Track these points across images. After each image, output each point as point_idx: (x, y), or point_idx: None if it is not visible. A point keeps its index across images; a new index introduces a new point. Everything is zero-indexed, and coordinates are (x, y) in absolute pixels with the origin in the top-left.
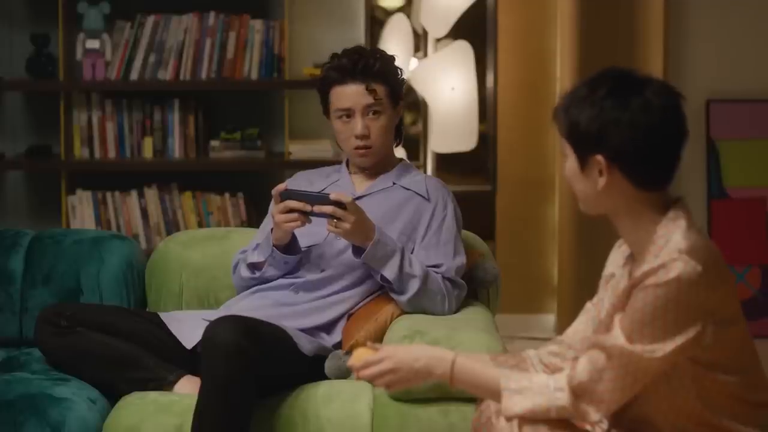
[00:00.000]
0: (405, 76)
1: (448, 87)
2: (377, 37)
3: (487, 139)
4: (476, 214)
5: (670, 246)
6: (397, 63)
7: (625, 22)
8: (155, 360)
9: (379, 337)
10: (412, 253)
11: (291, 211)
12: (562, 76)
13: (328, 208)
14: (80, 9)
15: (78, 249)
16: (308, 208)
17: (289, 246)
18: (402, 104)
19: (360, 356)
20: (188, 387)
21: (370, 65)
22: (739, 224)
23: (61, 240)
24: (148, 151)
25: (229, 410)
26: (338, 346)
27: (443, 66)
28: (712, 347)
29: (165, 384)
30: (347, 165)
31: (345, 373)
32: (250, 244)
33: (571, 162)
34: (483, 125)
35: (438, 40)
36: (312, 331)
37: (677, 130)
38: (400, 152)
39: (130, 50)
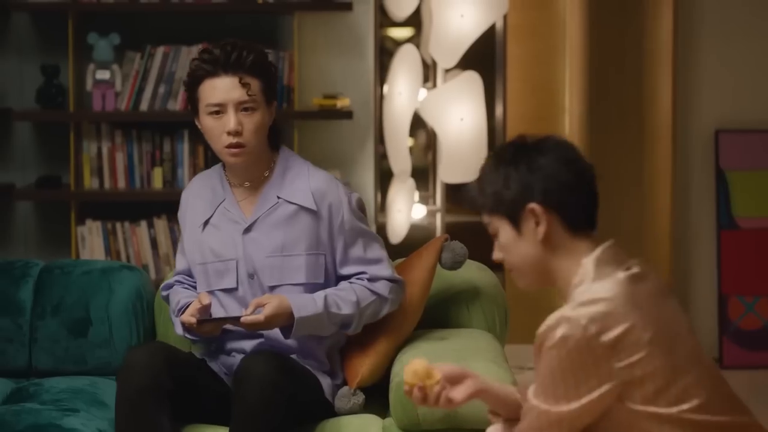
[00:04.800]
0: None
1: (457, 117)
2: (386, 67)
3: None
4: (486, 244)
5: (568, 305)
6: (270, 59)
7: (634, 54)
8: None
9: (383, 368)
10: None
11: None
12: (571, 107)
13: (242, 324)
14: (90, 40)
15: (87, 280)
16: (223, 323)
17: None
18: (275, 104)
19: (416, 370)
20: None
21: (243, 57)
22: (748, 254)
23: (71, 270)
24: (157, 182)
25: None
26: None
27: (452, 96)
28: (641, 381)
29: None
30: (225, 174)
31: (356, 411)
32: (173, 272)
33: (505, 233)
34: None
35: (447, 70)
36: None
37: (584, 161)
38: (409, 183)
39: (140, 81)
